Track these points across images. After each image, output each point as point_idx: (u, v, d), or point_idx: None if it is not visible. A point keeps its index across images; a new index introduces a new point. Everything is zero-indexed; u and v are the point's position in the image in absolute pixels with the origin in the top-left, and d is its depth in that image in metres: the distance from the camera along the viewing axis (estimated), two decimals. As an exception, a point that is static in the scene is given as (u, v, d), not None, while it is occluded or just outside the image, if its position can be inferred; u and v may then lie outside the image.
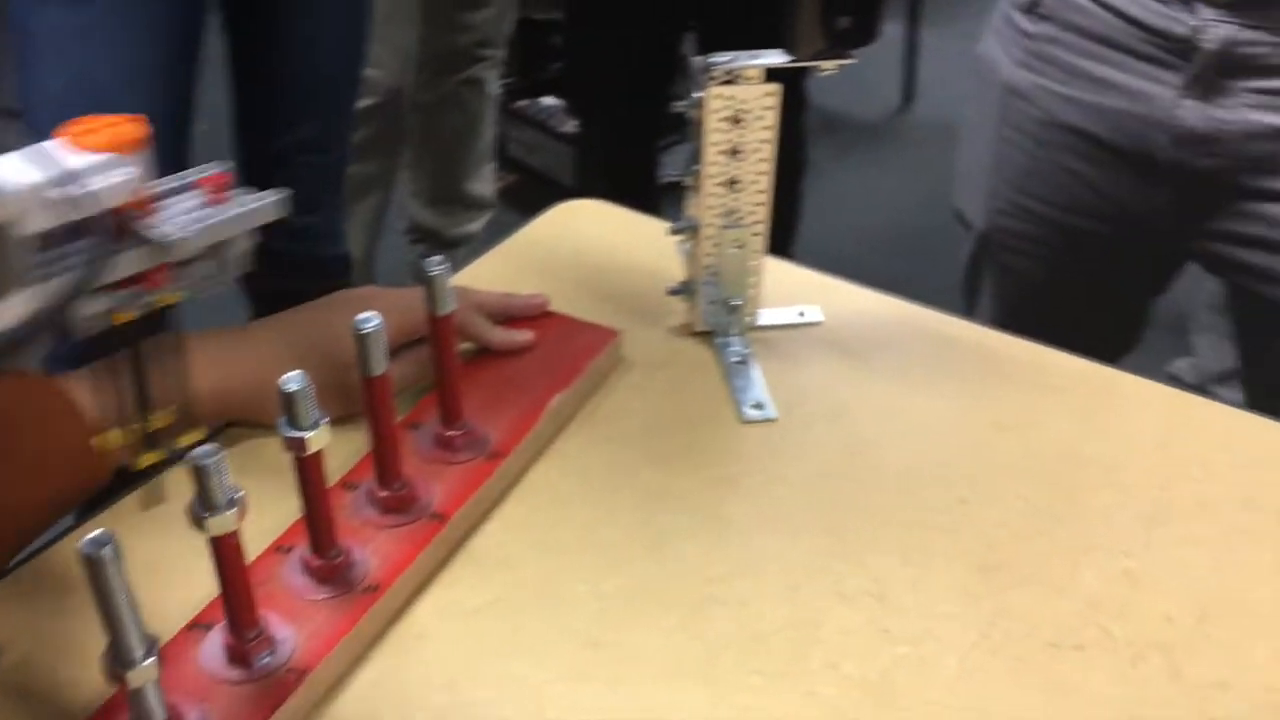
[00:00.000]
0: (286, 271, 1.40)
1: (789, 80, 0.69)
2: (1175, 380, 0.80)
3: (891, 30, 2.73)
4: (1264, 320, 1.00)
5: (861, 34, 0.69)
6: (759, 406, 0.71)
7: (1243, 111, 0.89)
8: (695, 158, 0.71)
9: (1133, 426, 0.70)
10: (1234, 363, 1.20)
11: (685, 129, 0.72)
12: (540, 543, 0.61)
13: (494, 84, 1.97)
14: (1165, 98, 0.92)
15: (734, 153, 0.71)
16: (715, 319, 0.76)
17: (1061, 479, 0.66)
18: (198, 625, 0.53)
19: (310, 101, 1.33)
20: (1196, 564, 0.61)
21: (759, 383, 0.73)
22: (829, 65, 0.69)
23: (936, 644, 0.56)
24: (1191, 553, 0.61)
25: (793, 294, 0.80)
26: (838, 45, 0.68)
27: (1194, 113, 0.91)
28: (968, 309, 1.14)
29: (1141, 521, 0.63)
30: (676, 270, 0.76)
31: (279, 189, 0.57)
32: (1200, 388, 1.36)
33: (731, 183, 0.72)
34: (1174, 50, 0.91)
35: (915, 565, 0.60)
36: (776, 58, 0.69)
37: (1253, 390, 1.08)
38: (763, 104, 0.69)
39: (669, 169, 1.88)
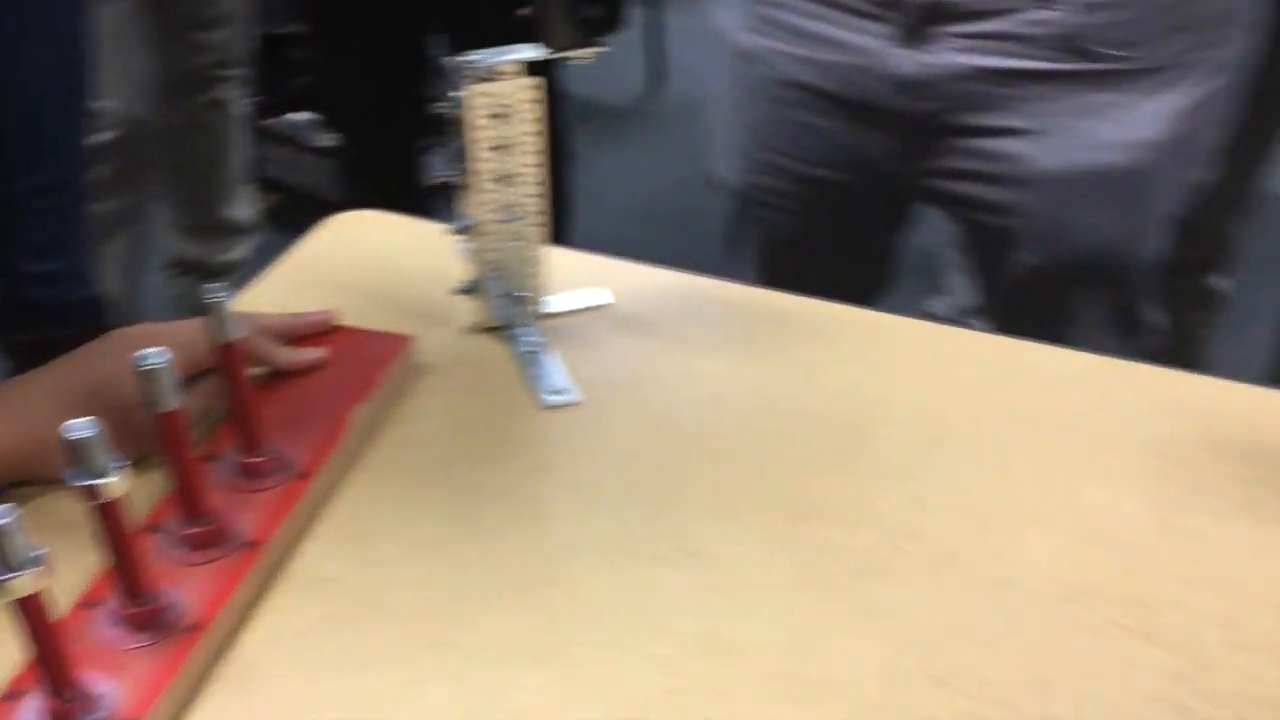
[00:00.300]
0: (38, 321, 1.32)
1: (543, 72, 0.70)
2: (932, 317, 0.87)
3: (632, 14, 2.79)
4: (991, 249, 1.09)
5: (610, 21, 0.71)
6: (558, 392, 0.72)
7: (949, 55, 0.97)
8: (463, 157, 0.72)
9: (903, 363, 0.76)
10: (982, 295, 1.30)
11: (445, 130, 0.72)
12: (362, 555, 0.61)
13: (239, 104, 1.90)
14: (879, 49, 0.98)
15: (502, 148, 0.72)
16: (505, 312, 0.77)
17: (848, 420, 0.71)
18: (11, 695, 0.50)
19: (34, 142, 1.25)
20: (975, 479, 0.66)
21: (556, 369, 0.74)
22: (582, 54, 0.71)
23: (757, 589, 0.59)
24: (970, 469, 0.67)
25: (578, 279, 0.82)
26: (589, 34, 0.70)
27: (906, 60, 0.98)
28: (730, 269, 1.19)
29: (923, 448, 0.68)
30: (459, 270, 0.77)
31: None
32: (956, 321, 1.46)
33: (503, 178, 0.73)
34: (882, 3, 0.97)
35: (728, 520, 0.63)
36: (531, 51, 0.70)
37: (996, 316, 1.17)
38: (525, 98, 0.71)
39: (433, 171, 1.87)
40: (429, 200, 1.74)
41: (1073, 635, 0.56)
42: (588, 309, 0.81)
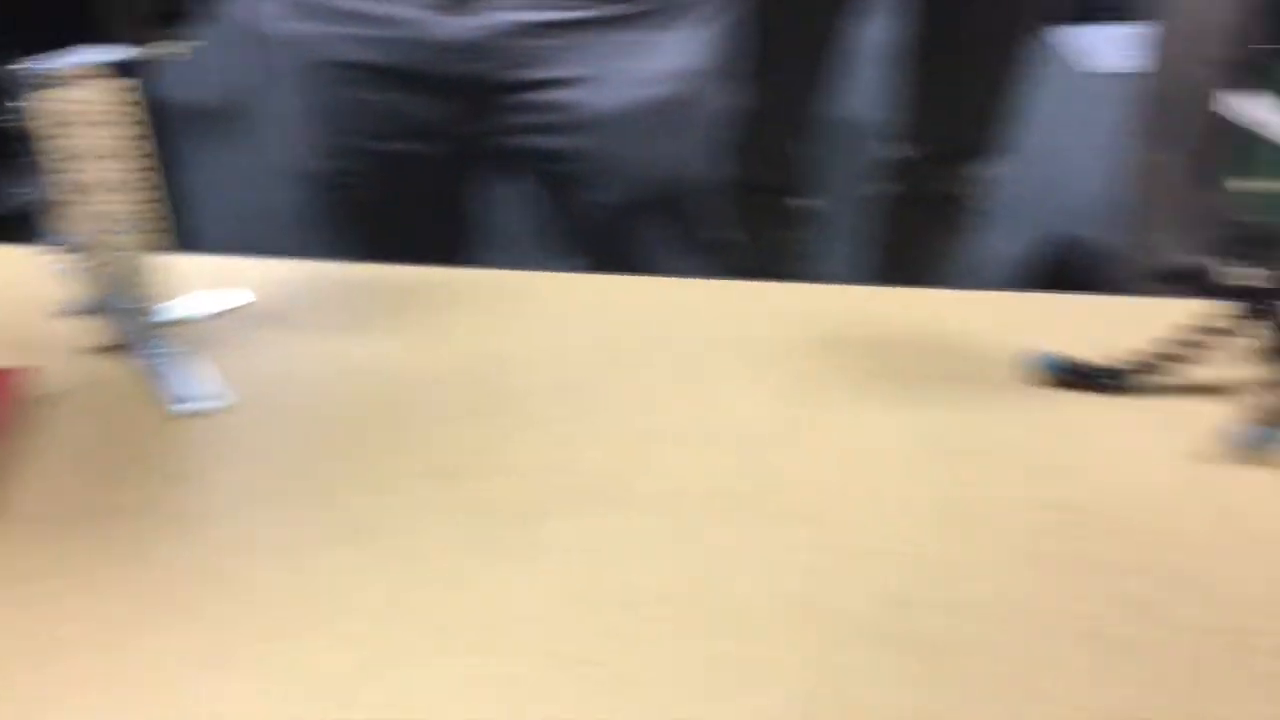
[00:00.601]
0: None
1: (135, 74, 0.67)
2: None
3: (222, 9, 2.68)
4: (566, 196, 1.14)
5: (187, 16, 0.69)
6: (193, 400, 0.70)
7: (489, 15, 1.00)
8: (45, 172, 0.68)
9: (531, 315, 0.80)
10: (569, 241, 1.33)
11: (15, 147, 0.68)
12: (12, 600, 0.57)
13: None
14: (423, 18, 1.01)
15: (94, 158, 0.68)
16: (126, 327, 0.74)
17: (486, 376, 0.73)
18: None
19: None
20: (615, 411, 0.71)
21: (191, 376, 0.72)
22: (170, 51, 0.68)
23: (426, 555, 0.61)
24: (609, 403, 0.71)
25: (212, 282, 0.80)
26: (172, 30, 0.68)
27: (450, 27, 1.01)
28: (337, 253, 1.18)
29: (561, 391, 0.72)
30: (66, 292, 0.73)
31: None
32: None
33: (101, 189, 0.69)
34: None
35: (389, 492, 0.64)
36: (108, 52, 0.67)
37: (587, 259, 1.21)
38: (110, 100, 0.67)
39: (10, 193, 1.71)
40: (9, 226, 1.60)
41: (723, 532, 0.62)
42: (229, 310, 0.79)
